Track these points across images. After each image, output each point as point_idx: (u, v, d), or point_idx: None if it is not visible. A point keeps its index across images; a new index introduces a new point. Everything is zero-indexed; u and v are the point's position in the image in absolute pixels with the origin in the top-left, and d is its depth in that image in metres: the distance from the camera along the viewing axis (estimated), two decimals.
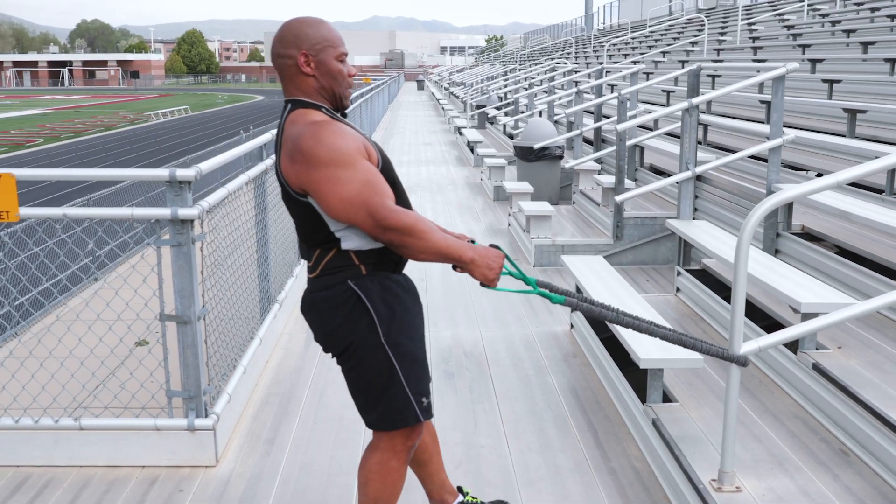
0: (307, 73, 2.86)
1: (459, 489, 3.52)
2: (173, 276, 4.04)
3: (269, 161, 5.70)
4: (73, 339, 4.56)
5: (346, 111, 3.01)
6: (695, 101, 6.54)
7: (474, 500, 3.50)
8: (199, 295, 4.15)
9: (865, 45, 13.27)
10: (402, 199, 2.92)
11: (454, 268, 2.86)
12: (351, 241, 2.86)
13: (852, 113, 8.54)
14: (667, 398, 4.40)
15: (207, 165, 4.14)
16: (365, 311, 2.87)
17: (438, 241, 2.76)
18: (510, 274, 3.00)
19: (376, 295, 2.88)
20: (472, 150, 16.84)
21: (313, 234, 2.90)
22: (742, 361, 3.29)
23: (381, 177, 2.80)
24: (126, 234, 7.66)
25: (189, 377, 4.15)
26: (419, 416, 2.95)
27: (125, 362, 4.64)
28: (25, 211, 3.98)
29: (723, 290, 5.91)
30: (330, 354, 3.03)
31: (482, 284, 2.86)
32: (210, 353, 4.32)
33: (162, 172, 3.93)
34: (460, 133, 20.46)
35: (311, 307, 2.98)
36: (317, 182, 2.73)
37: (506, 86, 23.28)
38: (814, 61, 12.93)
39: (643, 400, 4.38)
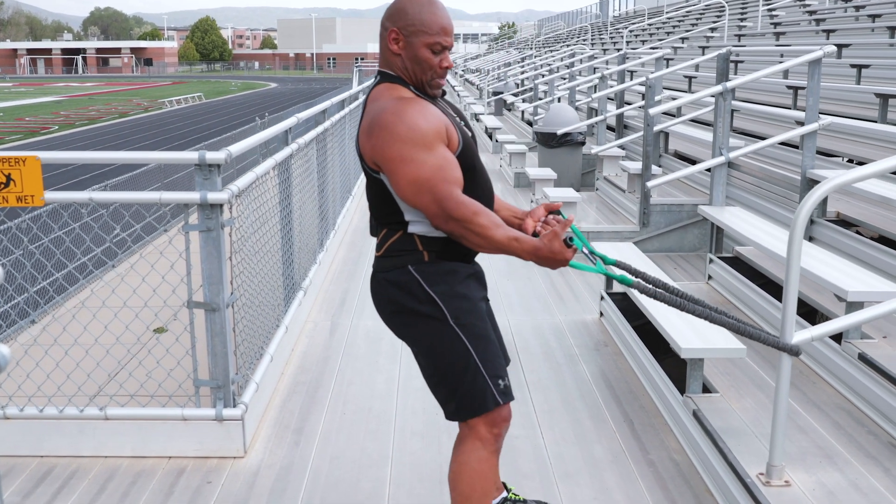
0: (394, 51, 2.78)
1: (504, 485, 3.42)
2: (202, 261, 3.93)
3: (295, 146, 5.59)
4: (98, 326, 4.46)
5: (444, 91, 2.92)
6: (729, 84, 6.38)
7: (517, 498, 3.39)
8: (228, 282, 4.05)
9: (892, 30, 13.05)
10: (480, 185, 2.85)
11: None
12: (418, 226, 2.79)
13: (884, 98, 8.36)
14: (705, 389, 4.28)
15: (237, 148, 4.04)
16: (428, 295, 2.79)
17: (498, 238, 2.67)
18: (584, 268, 2.85)
19: (438, 278, 2.80)
20: (490, 137, 16.69)
21: (383, 212, 2.83)
22: (795, 351, 3.17)
23: (455, 164, 2.72)
24: (149, 217, 7.57)
25: (217, 366, 4.05)
26: (497, 399, 2.84)
27: (152, 351, 4.54)
28: (50, 195, 3.88)
29: (757, 277, 5.78)
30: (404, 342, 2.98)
31: None
32: (238, 341, 4.22)
33: (191, 155, 3.82)
34: (478, 119, 20.30)
35: (375, 291, 2.93)
36: (390, 160, 2.66)
37: (523, 72, 23.09)
38: (840, 46, 12.72)
39: (680, 390, 4.26)
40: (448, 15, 2.79)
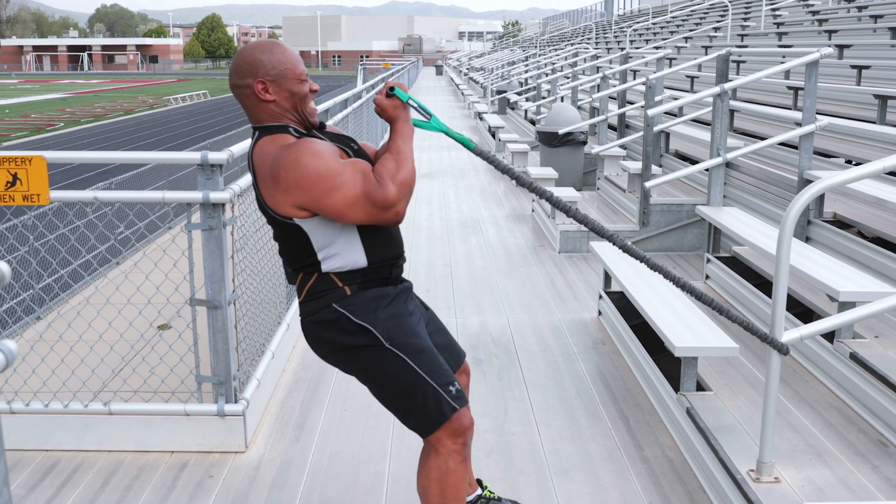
0: (267, 99, 2.82)
1: (479, 482, 3.48)
2: (204, 260, 4.01)
3: None
4: (102, 323, 4.54)
5: (324, 124, 2.99)
6: (727, 86, 6.44)
7: (492, 495, 3.46)
8: (230, 279, 4.12)
9: (894, 31, 13.09)
10: None
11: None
12: (331, 263, 2.85)
13: (883, 99, 8.42)
14: (700, 387, 4.35)
15: (239, 148, 4.10)
16: (358, 326, 2.86)
17: (410, 165, 2.81)
18: (423, 126, 2.97)
19: (364, 307, 2.87)
20: (493, 136, 16.76)
21: (299, 257, 2.88)
22: (784, 349, 3.23)
23: (361, 161, 2.81)
24: (152, 215, 7.64)
25: (219, 362, 4.12)
26: (453, 405, 2.89)
27: (155, 347, 4.62)
28: (56, 194, 3.96)
29: (753, 277, 5.84)
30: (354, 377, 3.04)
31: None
32: (240, 338, 4.30)
33: (193, 155, 3.89)
34: (481, 118, 20.37)
35: (307, 336, 2.99)
36: (317, 195, 2.70)
37: (527, 71, 23.14)
38: (841, 47, 12.77)
39: (675, 388, 4.33)
40: (292, 50, 2.93)
